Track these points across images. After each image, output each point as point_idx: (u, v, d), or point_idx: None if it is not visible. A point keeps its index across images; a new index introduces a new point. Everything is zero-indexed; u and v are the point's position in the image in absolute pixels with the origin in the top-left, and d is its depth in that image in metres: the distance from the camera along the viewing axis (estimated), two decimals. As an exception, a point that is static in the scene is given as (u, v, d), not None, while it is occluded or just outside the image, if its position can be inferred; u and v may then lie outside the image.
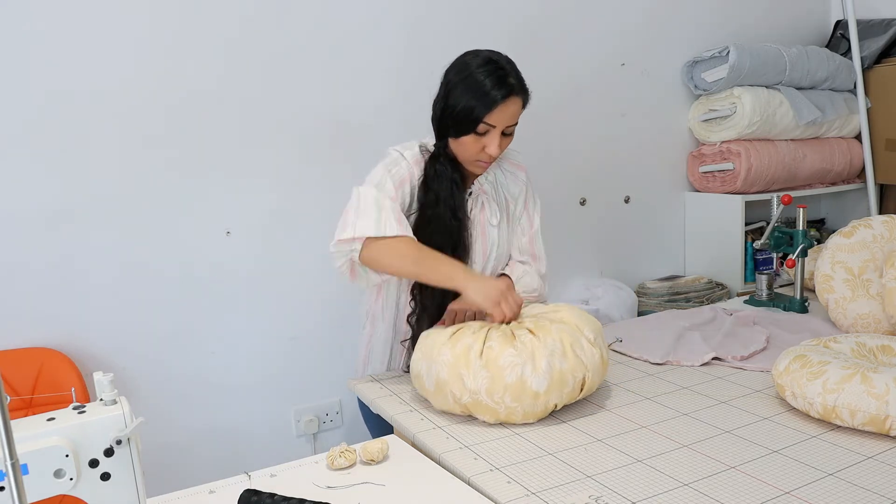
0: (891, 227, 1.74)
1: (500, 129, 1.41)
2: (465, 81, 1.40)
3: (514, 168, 1.63)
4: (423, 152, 1.51)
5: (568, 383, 1.24)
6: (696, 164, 2.82)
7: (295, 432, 2.24)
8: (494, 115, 1.39)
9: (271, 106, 2.07)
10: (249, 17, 2.00)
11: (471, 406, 1.24)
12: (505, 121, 1.41)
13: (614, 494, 1.00)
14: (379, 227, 1.36)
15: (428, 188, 1.47)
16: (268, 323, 2.15)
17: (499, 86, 1.38)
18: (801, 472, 1.04)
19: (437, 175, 1.47)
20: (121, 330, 1.95)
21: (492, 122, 1.39)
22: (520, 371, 1.21)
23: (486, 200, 1.57)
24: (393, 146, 1.52)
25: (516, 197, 1.62)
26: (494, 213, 1.57)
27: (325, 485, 1.07)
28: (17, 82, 1.77)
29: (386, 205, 1.39)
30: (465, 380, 1.23)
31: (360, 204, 1.40)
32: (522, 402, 1.22)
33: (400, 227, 1.37)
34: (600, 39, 2.58)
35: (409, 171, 1.47)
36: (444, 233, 1.46)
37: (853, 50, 2.83)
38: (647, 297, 2.64)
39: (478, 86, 1.38)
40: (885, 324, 1.65)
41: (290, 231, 2.15)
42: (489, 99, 1.38)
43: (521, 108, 1.45)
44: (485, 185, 1.57)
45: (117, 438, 0.80)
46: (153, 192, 1.95)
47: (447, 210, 1.46)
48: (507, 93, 1.39)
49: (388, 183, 1.44)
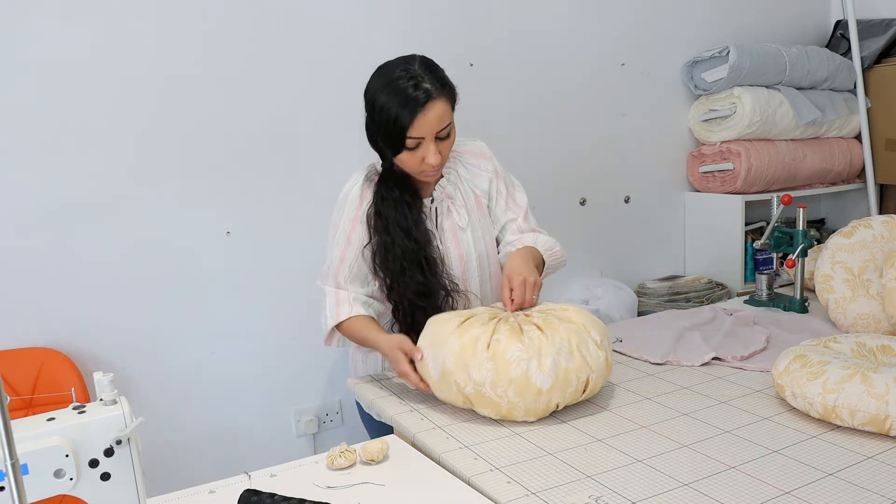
0: (891, 227, 1.74)
1: (429, 137, 1.37)
2: (379, 101, 1.37)
3: (476, 159, 1.57)
4: (372, 176, 1.50)
5: (572, 383, 1.24)
6: (696, 164, 2.82)
7: (295, 432, 2.24)
8: (416, 127, 1.34)
9: (271, 106, 2.07)
10: (249, 16, 2.00)
11: (473, 398, 1.24)
12: (431, 128, 1.36)
13: (614, 494, 1.00)
14: (324, 325, 1.52)
15: (379, 214, 1.47)
16: (268, 323, 2.15)
17: (412, 99, 1.33)
18: (801, 472, 1.04)
19: (384, 200, 1.46)
20: (121, 330, 1.95)
21: (417, 135, 1.36)
22: (525, 366, 1.21)
23: (450, 205, 1.53)
24: (350, 178, 1.54)
25: (486, 190, 1.57)
26: (462, 215, 1.53)
27: (325, 485, 1.07)
28: (18, 82, 1.77)
29: (327, 292, 1.52)
30: (470, 370, 1.22)
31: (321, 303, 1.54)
32: (525, 398, 1.22)
33: (334, 315, 1.49)
34: (600, 39, 2.58)
35: (353, 209, 1.49)
36: (404, 257, 1.45)
37: (853, 50, 2.83)
38: (647, 297, 2.64)
39: (391, 103, 1.34)
40: (885, 324, 1.65)
41: (291, 231, 2.15)
42: (405, 113, 1.33)
43: (448, 108, 1.39)
44: (447, 187, 1.53)
45: (117, 438, 0.80)
46: (153, 191, 1.95)
47: (400, 233, 1.45)
48: (424, 101, 1.33)
49: (338, 232, 1.50)
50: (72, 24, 1.81)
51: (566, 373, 1.23)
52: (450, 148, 1.44)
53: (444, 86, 1.38)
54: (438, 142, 1.39)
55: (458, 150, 1.56)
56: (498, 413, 1.25)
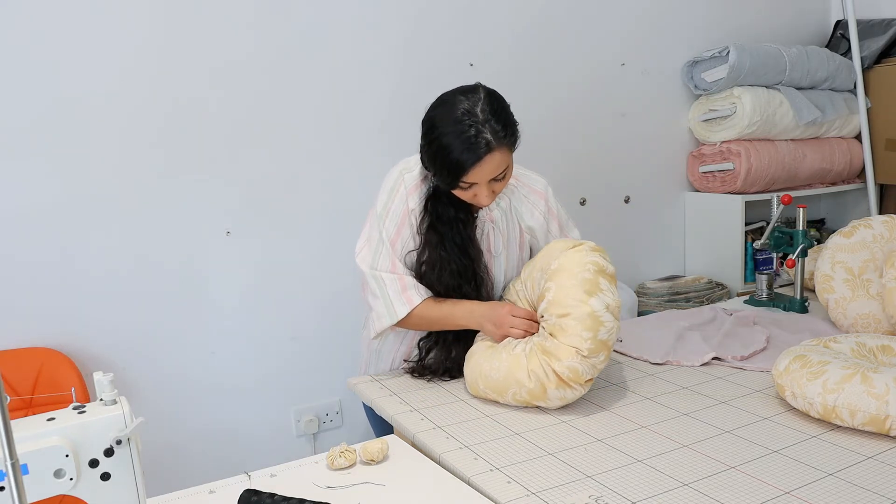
0: (891, 227, 1.74)
1: (483, 183, 1.35)
2: (439, 140, 1.32)
3: (531, 195, 1.54)
4: (423, 177, 1.45)
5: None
6: (696, 164, 2.82)
7: (295, 432, 2.24)
8: (472, 175, 1.32)
9: (271, 105, 2.07)
10: (248, 17, 2.00)
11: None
12: (486, 176, 1.34)
13: (614, 494, 1.00)
14: (391, 314, 1.43)
15: (434, 229, 1.43)
16: (268, 323, 2.15)
17: (473, 147, 1.30)
18: (801, 472, 1.04)
19: (440, 218, 1.43)
20: (121, 330, 1.95)
21: (472, 181, 1.34)
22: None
23: (491, 230, 1.50)
24: (401, 161, 1.49)
25: (532, 228, 1.54)
26: (498, 243, 1.51)
27: (325, 485, 1.07)
28: (18, 83, 1.77)
29: (385, 280, 1.43)
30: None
31: (367, 290, 1.47)
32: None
33: (404, 301, 1.42)
34: (600, 39, 2.59)
35: (403, 202, 1.43)
36: (460, 274, 1.44)
37: (853, 50, 2.83)
38: (647, 297, 2.64)
39: (451, 147, 1.30)
40: (885, 324, 1.65)
41: (291, 231, 2.15)
42: (464, 160, 1.30)
43: (507, 155, 1.35)
44: (494, 211, 1.50)
45: (117, 438, 0.80)
46: (153, 191, 1.95)
47: (456, 250, 1.43)
48: (484, 153, 1.30)
49: (389, 217, 1.43)
50: (72, 24, 1.81)
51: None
52: (504, 185, 1.41)
53: (506, 132, 1.33)
54: (493, 182, 1.37)
55: (517, 180, 1.53)
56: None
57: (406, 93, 2.23)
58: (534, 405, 1.32)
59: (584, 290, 1.30)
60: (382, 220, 1.44)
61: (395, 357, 1.60)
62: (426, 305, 1.43)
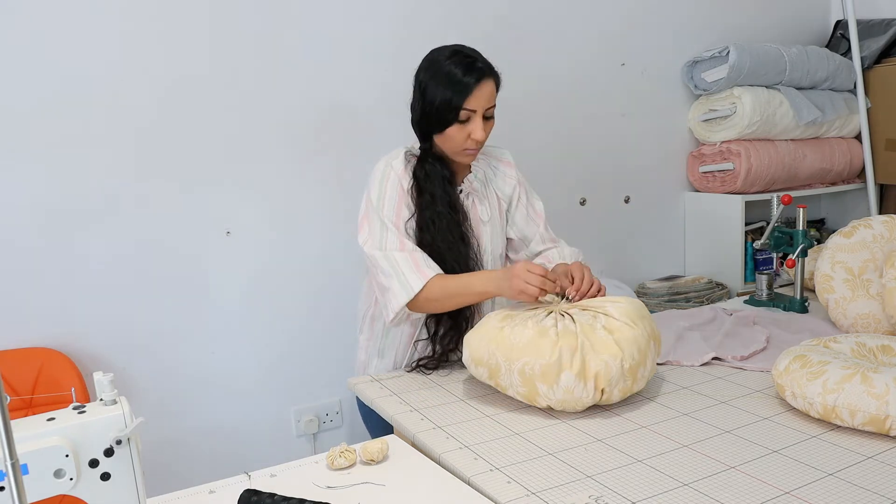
0: (891, 227, 1.74)
1: (480, 112, 1.45)
2: (438, 75, 1.45)
3: (503, 166, 1.66)
4: (409, 158, 1.54)
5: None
6: (696, 164, 2.82)
7: (295, 432, 2.24)
8: (472, 99, 1.44)
9: (271, 105, 2.07)
10: (248, 17, 2.00)
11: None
12: (483, 103, 1.45)
13: (614, 494, 1.00)
14: (406, 289, 1.43)
15: (422, 190, 1.50)
16: (268, 323, 2.15)
17: (470, 71, 1.44)
18: (801, 472, 1.04)
19: (428, 175, 1.51)
20: (121, 330, 1.95)
21: (471, 107, 1.44)
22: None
23: (476, 198, 1.59)
24: (382, 158, 1.55)
25: (509, 195, 1.65)
26: (485, 209, 1.60)
27: (325, 485, 1.07)
28: (17, 83, 1.77)
29: (396, 258, 1.44)
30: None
31: (378, 272, 1.47)
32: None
33: (419, 275, 1.43)
34: (600, 39, 2.59)
35: (397, 182, 1.50)
36: (447, 229, 1.49)
37: (853, 50, 2.83)
38: (647, 297, 2.64)
39: (451, 76, 1.44)
40: (885, 324, 1.65)
41: (291, 231, 2.15)
42: (464, 85, 1.43)
43: (496, 90, 1.49)
44: (474, 182, 1.59)
45: (117, 438, 0.80)
46: (153, 192, 1.95)
47: (445, 207, 1.49)
48: (480, 76, 1.44)
49: (386, 202, 1.49)
50: (72, 23, 1.80)
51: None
52: (489, 132, 1.50)
53: (494, 70, 1.49)
54: (484, 121, 1.47)
55: (488, 153, 1.65)
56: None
57: (403, 92, 2.22)
58: (533, 388, 1.26)
59: (651, 335, 1.34)
60: (380, 207, 1.49)
61: (396, 353, 1.60)
62: (440, 279, 1.44)
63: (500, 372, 1.30)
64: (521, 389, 1.28)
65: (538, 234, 1.67)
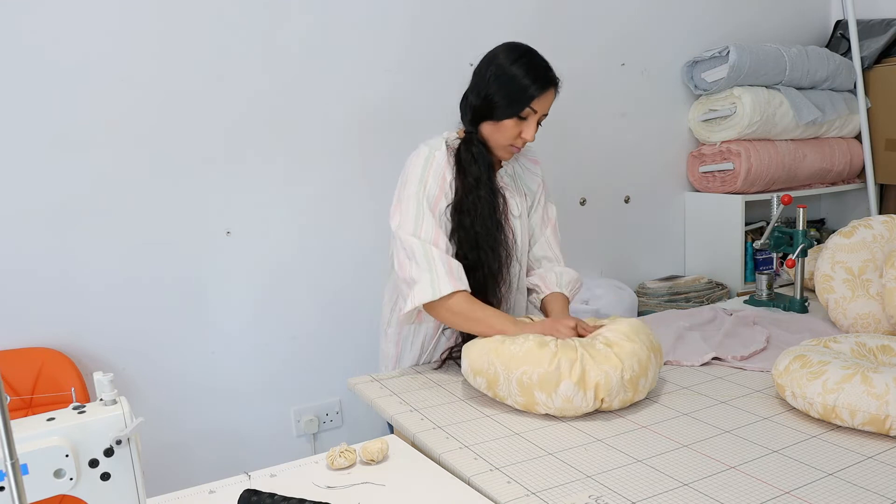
0: (891, 227, 1.74)
1: (539, 115, 1.48)
2: (516, 65, 1.45)
3: (530, 164, 1.69)
4: (449, 148, 1.53)
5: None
6: (696, 164, 2.82)
7: (295, 432, 2.24)
8: (541, 100, 1.46)
9: (271, 105, 2.07)
10: (249, 17, 2.00)
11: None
12: (545, 108, 1.48)
13: (614, 494, 1.00)
14: (434, 289, 1.39)
15: (465, 173, 1.50)
16: (268, 323, 2.15)
17: (549, 73, 1.47)
18: (801, 472, 1.04)
19: (475, 158, 1.50)
20: (121, 330, 1.95)
21: (537, 108, 1.46)
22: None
23: (508, 193, 1.59)
24: (424, 141, 1.54)
25: (534, 192, 1.67)
26: (516, 204, 1.61)
27: (325, 485, 1.07)
28: (16, 83, 1.77)
29: (434, 255, 1.41)
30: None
31: (410, 262, 1.43)
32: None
33: (451, 281, 1.40)
34: (600, 39, 2.59)
35: (440, 170, 1.49)
36: (487, 215, 1.49)
37: (853, 50, 2.83)
38: (647, 297, 2.64)
39: (535, 69, 1.45)
40: (885, 324, 1.65)
41: (291, 231, 2.15)
42: (543, 82, 1.45)
43: (553, 101, 1.51)
44: (505, 177, 1.60)
45: (117, 438, 0.80)
46: (153, 191, 1.95)
47: (487, 192, 1.50)
48: (555, 82, 1.48)
49: (428, 187, 1.47)
50: (71, 23, 1.80)
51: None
52: (534, 137, 1.51)
53: (558, 82, 1.51)
54: (537, 125, 1.49)
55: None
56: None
57: (406, 93, 2.23)
58: (532, 398, 1.27)
59: (651, 348, 1.34)
60: (421, 191, 1.47)
61: (424, 340, 1.61)
62: (467, 297, 1.42)
63: (498, 381, 1.30)
64: (520, 399, 1.29)
65: (545, 237, 1.67)
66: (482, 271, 1.48)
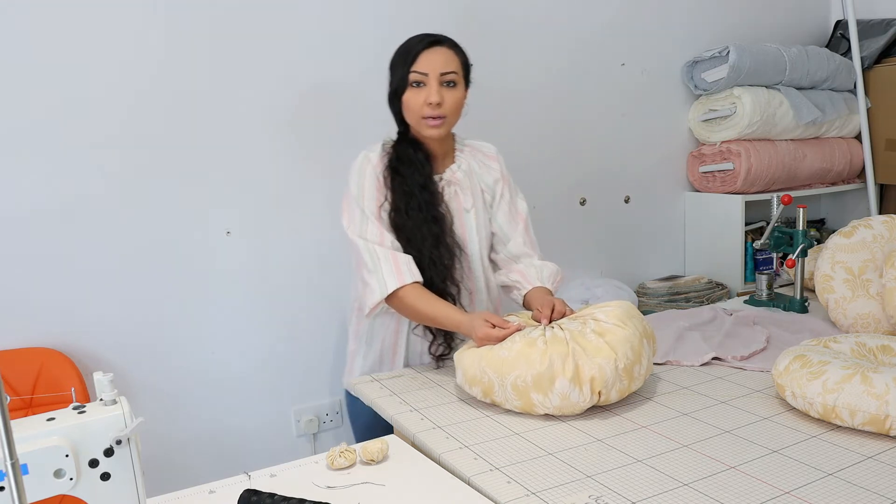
0: (891, 227, 1.74)
1: (434, 77, 1.47)
2: (397, 50, 1.52)
3: (487, 160, 1.67)
4: (386, 149, 1.56)
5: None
6: (696, 164, 2.82)
7: (295, 432, 2.24)
8: (422, 61, 1.47)
9: (271, 105, 2.07)
10: (250, 18, 2.00)
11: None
12: (436, 66, 1.47)
13: (614, 494, 1.00)
14: (381, 288, 1.45)
15: (396, 172, 1.52)
16: (268, 323, 2.15)
17: (423, 39, 1.49)
18: (801, 472, 1.04)
19: (400, 158, 1.53)
20: (121, 330, 1.95)
21: (422, 69, 1.47)
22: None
23: (458, 188, 1.60)
24: (362, 150, 1.58)
25: (492, 186, 1.65)
26: (467, 198, 1.60)
27: (325, 485, 1.07)
28: (17, 83, 1.77)
29: (378, 255, 1.47)
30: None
31: (361, 264, 1.49)
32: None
33: (397, 276, 1.45)
34: (600, 39, 2.59)
35: (374, 173, 1.53)
36: (417, 209, 1.50)
37: (853, 50, 2.83)
38: (647, 297, 2.64)
39: (406, 44, 1.51)
40: (885, 324, 1.65)
41: (291, 230, 2.15)
42: (415, 49, 1.48)
43: (455, 59, 1.50)
44: (457, 172, 1.60)
45: (117, 438, 0.80)
46: (153, 191, 1.95)
47: (416, 188, 1.51)
48: (432, 41, 1.48)
49: (365, 193, 1.51)
50: (72, 23, 1.80)
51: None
52: (454, 105, 1.50)
53: (455, 44, 1.52)
54: (444, 89, 1.48)
55: (473, 146, 1.66)
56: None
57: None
58: (528, 400, 1.26)
59: (643, 333, 1.34)
60: (360, 197, 1.51)
61: (384, 342, 1.62)
62: (418, 289, 1.46)
63: (493, 389, 1.30)
64: (517, 403, 1.29)
65: (518, 234, 1.65)
66: (433, 267, 1.50)
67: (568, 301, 1.52)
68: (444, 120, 1.50)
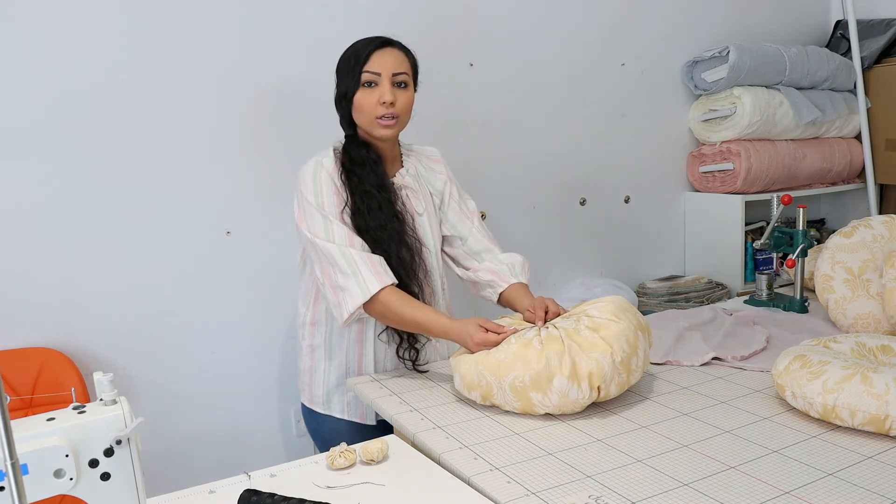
0: (891, 227, 1.74)
1: (386, 77, 1.47)
2: (345, 52, 1.52)
3: (432, 163, 1.68)
4: (337, 154, 1.55)
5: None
6: (696, 164, 2.82)
7: (295, 432, 2.24)
8: (373, 61, 1.47)
9: (271, 105, 2.07)
10: (250, 18, 2.00)
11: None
12: (389, 67, 1.47)
13: (614, 494, 1.00)
14: (363, 290, 1.42)
15: (350, 175, 1.51)
16: (268, 323, 2.15)
17: (373, 40, 1.50)
18: (801, 472, 1.04)
19: (353, 160, 1.52)
20: (121, 330, 1.95)
21: (373, 69, 1.47)
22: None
23: (409, 192, 1.60)
24: (311, 159, 1.55)
25: (440, 190, 1.66)
26: (419, 202, 1.61)
27: (325, 485, 1.07)
28: (17, 83, 1.77)
29: (354, 257, 1.43)
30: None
31: (334, 268, 1.44)
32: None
33: (377, 277, 1.42)
34: (600, 39, 2.59)
35: (330, 178, 1.51)
36: (378, 208, 1.49)
37: (853, 50, 2.83)
38: (647, 297, 2.64)
39: (355, 46, 1.51)
40: (885, 324, 1.65)
41: (291, 231, 2.13)
42: (365, 50, 1.48)
43: (405, 61, 1.51)
44: (406, 177, 1.60)
45: (117, 438, 0.80)
46: (153, 191, 1.95)
47: (374, 187, 1.50)
48: (382, 43, 1.49)
49: (324, 197, 1.48)
50: (71, 22, 1.80)
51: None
52: (406, 106, 1.51)
53: (404, 46, 1.53)
54: (396, 89, 1.48)
55: (418, 151, 1.67)
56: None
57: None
58: (528, 400, 1.26)
59: (637, 326, 1.34)
60: (319, 204, 1.48)
61: (347, 353, 1.59)
62: (398, 293, 1.44)
63: (492, 392, 1.30)
64: (517, 404, 1.28)
65: (473, 231, 1.65)
66: (400, 266, 1.49)
67: (568, 301, 1.52)
68: (397, 120, 1.49)
